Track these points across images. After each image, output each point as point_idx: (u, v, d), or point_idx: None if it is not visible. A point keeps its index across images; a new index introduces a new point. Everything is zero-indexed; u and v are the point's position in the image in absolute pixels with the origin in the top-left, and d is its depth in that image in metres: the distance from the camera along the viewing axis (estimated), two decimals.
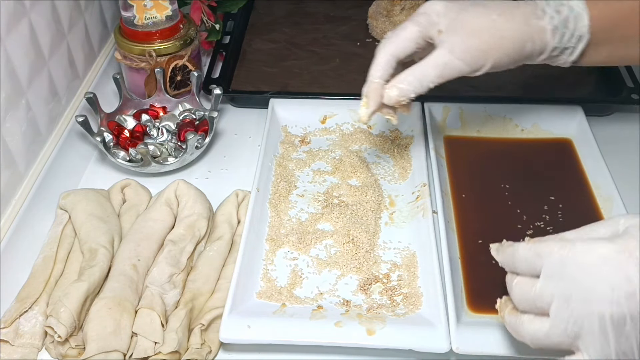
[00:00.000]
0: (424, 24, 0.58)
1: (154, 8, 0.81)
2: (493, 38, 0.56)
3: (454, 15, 0.57)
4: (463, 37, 0.56)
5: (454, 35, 0.56)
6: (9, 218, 0.68)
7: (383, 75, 0.60)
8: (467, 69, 0.58)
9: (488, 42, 0.56)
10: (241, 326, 0.59)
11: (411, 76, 0.58)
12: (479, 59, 0.57)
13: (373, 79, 0.60)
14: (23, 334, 0.60)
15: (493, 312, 0.62)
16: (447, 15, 0.57)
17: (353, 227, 0.70)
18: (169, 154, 0.80)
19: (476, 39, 0.56)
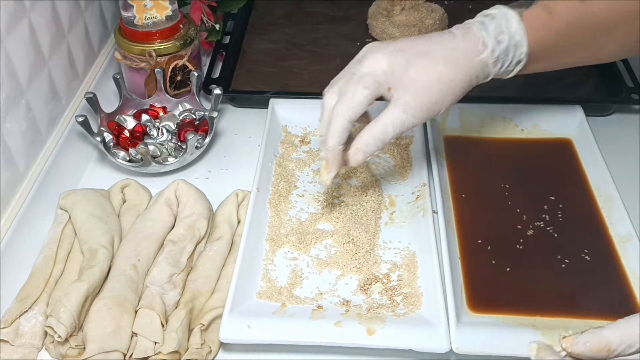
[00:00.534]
0: (372, 87, 0.58)
1: (154, 8, 0.81)
2: (442, 90, 0.57)
3: (400, 72, 0.57)
4: (414, 95, 0.57)
5: (405, 93, 0.57)
6: (9, 218, 0.69)
7: (341, 141, 0.61)
8: (422, 121, 0.60)
9: (439, 94, 0.57)
10: (241, 326, 0.59)
11: (372, 137, 0.59)
12: (432, 111, 0.58)
13: (333, 147, 0.61)
14: (23, 334, 0.60)
15: (493, 312, 0.62)
16: (393, 73, 0.57)
17: (353, 227, 0.70)
18: (169, 154, 0.80)
19: (427, 95, 0.57)
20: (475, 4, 1.08)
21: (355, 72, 0.59)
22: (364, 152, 0.61)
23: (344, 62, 0.95)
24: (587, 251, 0.68)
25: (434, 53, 0.57)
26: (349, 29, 1.03)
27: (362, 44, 0.99)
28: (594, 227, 0.70)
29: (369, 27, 1.01)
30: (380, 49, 0.59)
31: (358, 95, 0.58)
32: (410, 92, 0.57)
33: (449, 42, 0.58)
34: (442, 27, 1.00)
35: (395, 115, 0.58)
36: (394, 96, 0.58)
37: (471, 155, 0.80)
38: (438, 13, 1.00)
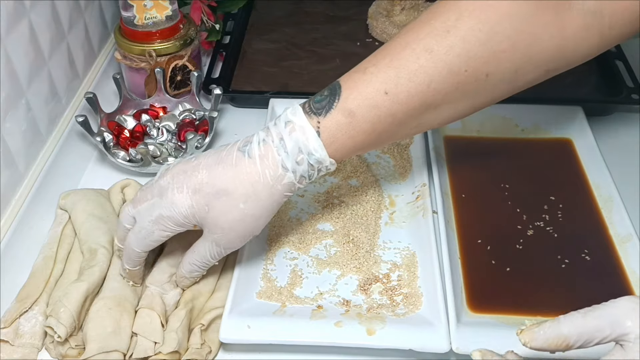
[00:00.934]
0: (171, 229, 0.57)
1: (154, 8, 0.81)
2: (247, 225, 0.57)
3: (203, 215, 0.55)
4: (220, 234, 0.57)
5: (212, 233, 0.57)
6: (9, 218, 0.68)
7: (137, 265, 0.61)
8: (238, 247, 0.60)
9: (244, 229, 0.57)
10: (241, 326, 0.59)
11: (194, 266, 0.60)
12: (245, 239, 0.59)
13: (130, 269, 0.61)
14: (23, 334, 0.60)
15: (493, 312, 0.62)
16: (194, 215, 0.55)
17: (353, 227, 0.70)
18: (169, 154, 0.80)
19: (233, 233, 0.57)
20: None
21: (155, 207, 0.56)
22: (189, 278, 0.62)
23: (344, 62, 0.96)
24: (587, 251, 0.68)
25: (234, 192, 0.55)
26: (349, 29, 1.03)
27: (362, 44, 1.00)
28: (594, 227, 0.70)
29: (369, 27, 1.01)
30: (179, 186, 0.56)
31: (155, 235, 0.57)
32: (216, 231, 0.57)
33: (249, 173, 0.55)
34: None
35: (209, 247, 0.58)
36: (204, 232, 0.58)
37: (471, 155, 0.80)
38: None
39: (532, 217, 0.72)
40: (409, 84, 0.54)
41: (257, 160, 0.55)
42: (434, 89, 0.54)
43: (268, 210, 0.57)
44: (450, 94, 0.55)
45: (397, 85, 0.54)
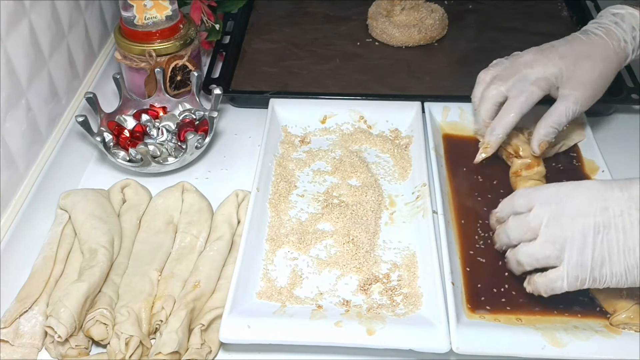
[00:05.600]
0: (545, 89, 0.70)
1: (154, 8, 0.81)
2: (602, 82, 0.71)
3: (569, 74, 0.70)
4: (583, 90, 0.70)
5: (575, 89, 0.70)
6: (9, 218, 0.69)
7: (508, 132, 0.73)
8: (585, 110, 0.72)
9: (599, 86, 0.71)
10: (241, 326, 0.59)
11: (550, 128, 0.71)
12: (595, 100, 0.72)
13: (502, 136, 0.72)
14: (23, 334, 0.60)
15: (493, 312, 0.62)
16: (562, 75, 0.70)
17: (353, 227, 0.70)
18: (169, 154, 0.80)
19: (591, 89, 0.71)
20: (475, 3, 1.08)
21: (528, 75, 0.70)
22: (545, 140, 0.72)
23: (344, 62, 0.96)
24: None
25: (594, 55, 0.70)
26: (349, 29, 1.03)
27: (362, 44, 1.00)
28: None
29: (369, 27, 1.01)
30: (547, 56, 0.71)
31: (534, 96, 0.70)
32: (579, 88, 0.70)
33: (601, 43, 0.71)
34: (442, 27, 1.00)
35: (568, 107, 0.71)
36: (564, 92, 0.71)
37: (471, 155, 0.80)
38: (438, 13, 1.00)
39: None
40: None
41: (604, 36, 0.71)
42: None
43: (614, 72, 0.71)
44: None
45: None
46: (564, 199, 0.56)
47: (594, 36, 0.71)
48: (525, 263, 0.59)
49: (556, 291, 0.57)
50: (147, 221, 0.71)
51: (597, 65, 0.70)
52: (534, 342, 0.58)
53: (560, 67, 0.70)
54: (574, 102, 0.71)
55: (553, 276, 0.56)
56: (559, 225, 0.55)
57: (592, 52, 0.71)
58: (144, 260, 0.67)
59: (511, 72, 0.72)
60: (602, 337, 0.59)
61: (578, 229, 0.54)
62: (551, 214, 0.56)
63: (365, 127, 0.84)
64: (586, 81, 0.70)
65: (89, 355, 0.61)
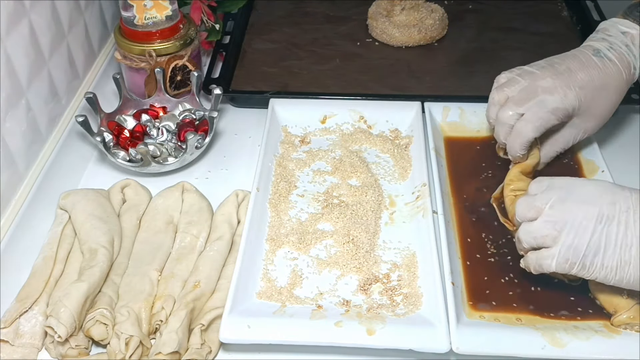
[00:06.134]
0: (561, 118, 0.70)
1: (154, 8, 0.81)
2: (611, 112, 0.73)
3: (585, 108, 0.70)
4: (594, 123, 0.72)
5: (587, 122, 0.72)
6: (9, 218, 0.69)
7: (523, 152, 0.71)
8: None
9: (609, 116, 0.73)
10: (241, 326, 0.59)
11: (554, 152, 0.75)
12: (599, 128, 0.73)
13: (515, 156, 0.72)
14: (23, 334, 0.60)
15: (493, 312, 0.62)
16: (580, 108, 0.70)
17: (353, 227, 0.70)
18: (169, 154, 0.80)
19: (602, 120, 0.73)
20: (475, 3, 1.08)
21: (546, 102, 0.68)
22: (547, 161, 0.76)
23: (344, 62, 0.96)
24: None
25: (609, 87, 0.70)
26: (349, 29, 1.03)
27: (362, 44, 1.00)
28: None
29: (369, 27, 1.01)
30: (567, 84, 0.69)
31: (549, 123, 0.69)
32: (590, 120, 0.72)
33: (615, 73, 0.70)
34: (442, 27, 1.00)
35: (576, 134, 0.73)
36: (575, 121, 0.72)
37: (471, 155, 0.80)
38: (438, 13, 1.00)
39: None
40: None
41: (617, 64, 0.70)
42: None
43: (620, 100, 0.72)
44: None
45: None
46: (575, 186, 0.57)
47: (609, 62, 0.70)
48: (523, 240, 0.59)
49: (544, 269, 0.57)
50: (147, 221, 0.71)
51: (611, 97, 0.71)
52: (534, 342, 0.58)
53: (580, 99, 0.69)
54: (583, 132, 0.73)
55: (545, 253, 0.57)
56: (563, 209, 0.56)
57: (607, 83, 0.70)
58: (144, 260, 0.67)
59: (528, 96, 0.69)
60: (602, 337, 0.59)
61: (581, 215, 0.55)
62: (558, 196, 0.57)
63: (365, 127, 0.84)
64: (599, 114, 0.71)
65: (89, 355, 0.61)
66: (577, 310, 0.62)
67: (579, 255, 0.55)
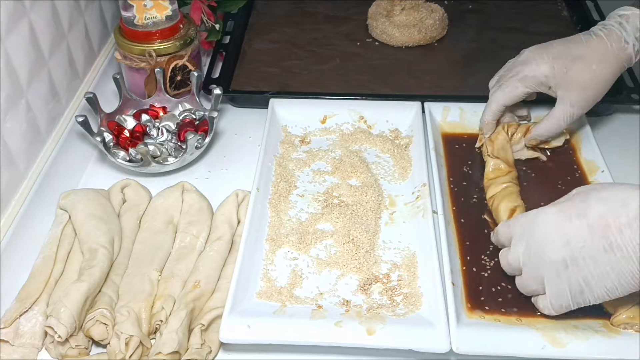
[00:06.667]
0: (533, 86, 0.73)
1: (154, 8, 0.81)
2: (597, 86, 0.71)
3: (561, 75, 0.71)
4: (576, 93, 0.71)
5: (568, 92, 0.71)
6: (9, 218, 0.69)
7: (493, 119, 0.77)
8: (584, 112, 0.73)
9: (594, 90, 0.71)
10: (241, 326, 0.59)
11: (546, 130, 0.75)
12: (592, 103, 0.72)
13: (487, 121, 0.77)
14: (23, 334, 0.60)
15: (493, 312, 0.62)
16: (555, 76, 0.71)
17: (353, 227, 0.70)
18: (169, 154, 0.80)
19: (585, 92, 0.71)
20: (475, 4, 1.08)
21: (519, 72, 0.73)
22: (537, 140, 0.77)
23: (344, 62, 0.96)
24: None
25: (588, 57, 0.70)
26: (349, 29, 1.03)
27: (362, 44, 1.00)
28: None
29: (369, 27, 1.01)
30: (541, 55, 0.72)
31: (518, 90, 0.73)
32: (573, 90, 0.71)
33: (598, 44, 0.70)
34: (442, 27, 1.00)
35: (565, 110, 0.72)
36: (559, 94, 0.72)
37: (471, 155, 0.80)
38: (438, 13, 1.00)
39: None
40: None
41: (603, 37, 0.70)
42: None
43: (611, 75, 0.70)
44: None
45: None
46: (529, 233, 0.58)
47: (594, 37, 0.71)
48: (522, 291, 0.61)
49: (549, 314, 0.59)
50: (147, 221, 0.71)
51: (590, 67, 0.70)
52: (534, 342, 0.58)
53: (552, 66, 0.71)
54: (570, 105, 0.72)
55: (541, 304, 0.59)
56: (533, 265, 0.58)
57: (587, 53, 0.70)
58: (144, 260, 0.67)
59: (509, 70, 0.75)
60: (602, 337, 0.59)
61: (548, 266, 0.56)
62: (523, 252, 0.58)
63: (365, 127, 0.84)
64: (580, 83, 0.71)
65: (89, 355, 0.61)
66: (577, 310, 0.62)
67: (567, 299, 0.56)
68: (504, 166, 0.74)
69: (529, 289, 0.60)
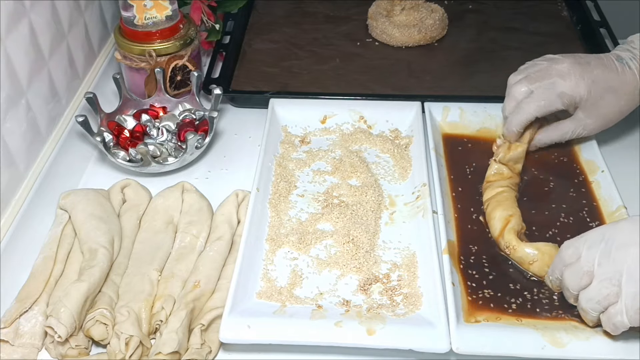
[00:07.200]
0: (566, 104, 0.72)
1: (154, 8, 0.81)
2: (617, 118, 0.74)
3: (592, 102, 0.71)
4: (595, 120, 0.73)
5: (589, 118, 0.73)
6: (9, 218, 0.69)
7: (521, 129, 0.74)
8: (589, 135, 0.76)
9: (613, 121, 0.74)
10: (241, 326, 0.59)
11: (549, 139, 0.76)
12: (601, 130, 0.75)
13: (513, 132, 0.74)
14: (23, 334, 0.60)
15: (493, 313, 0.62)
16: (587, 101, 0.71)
17: (353, 227, 0.70)
18: (169, 154, 0.80)
19: (605, 122, 0.73)
20: (475, 3, 1.08)
21: (556, 86, 0.71)
22: (540, 145, 0.77)
23: (344, 62, 0.96)
24: None
25: (620, 90, 0.71)
26: (349, 29, 1.03)
27: (362, 44, 1.00)
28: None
29: (369, 27, 1.01)
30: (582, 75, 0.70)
31: (553, 106, 0.72)
32: (593, 117, 0.73)
33: (631, 79, 0.71)
34: (442, 27, 1.00)
35: (575, 128, 0.74)
36: (579, 115, 0.73)
37: (471, 155, 0.80)
38: (438, 13, 1.00)
39: (532, 218, 0.72)
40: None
41: (636, 73, 0.70)
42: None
43: (629, 109, 0.72)
44: None
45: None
46: (609, 236, 0.55)
47: (628, 70, 0.71)
48: (589, 309, 0.56)
49: (619, 327, 0.55)
50: (147, 221, 0.71)
51: (619, 102, 0.71)
52: (534, 342, 0.58)
53: (590, 90, 0.70)
54: (582, 128, 0.74)
55: (612, 311, 0.54)
56: (612, 261, 0.54)
57: (620, 87, 0.71)
58: (144, 260, 0.67)
59: (542, 76, 0.72)
60: (602, 337, 0.59)
61: (632, 259, 0.52)
62: (601, 252, 0.55)
63: (365, 127, 0.84)
64: (604, 114, 0.72)
65: (89, 355, 0.61)
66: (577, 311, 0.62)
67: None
68: (506, 171, 0.74)
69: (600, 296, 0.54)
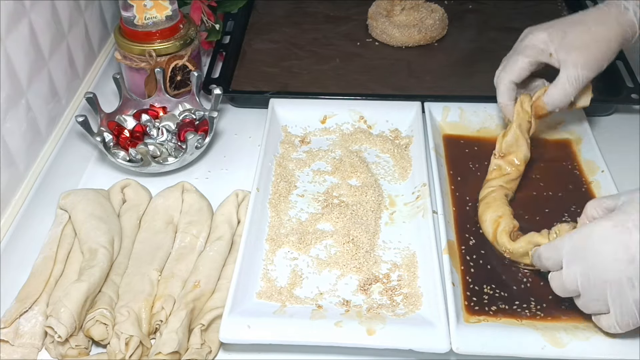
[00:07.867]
0: (532, 55, 0.71)
1: (154, 8, 0.81)
2: (600, 47, 0.69)
3: (559, 39, 0.69)
4: (578, 54, 0.69)
5: (570, 53, 0.69)
6: (9, 218, 0.69)
7: (508, 99, 0.74)
8: (592, 74, 0.70)
9: (597, 51, 0.69)
10: (241, 326, 0.59)
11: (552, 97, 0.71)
12: (597, 66, 0.70)
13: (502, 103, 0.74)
14: (23, 334, 0.60)
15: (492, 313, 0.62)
16: (553, 41, 0.70)
17: (353, 227, 0.70)
18: (169, 154, 0.80)
19: (587, 52, 0.69)
20: (475, 3, 1.08)
21: (517, 47, 0.73)
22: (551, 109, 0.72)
23: (344, 62, 0.96)
24: None
25: (585, 20, 0.70)
26: (349, 29, 1.03)
27: (362, 44, 1.00)
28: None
29: (369, 27, 1.01)
30: (537, 27, 0.72)
31: (519, 62, 0.71)
32: (572, 52, 0.69)
33: (596, 11, 0.70)
34: (442, 27, 1.00)
35: (568, 72, 0.70)
36: (561, 59, 0.70)
37: (471, 155, 0.80)
38: (438, 13, 1.00)
39: (532, 218, 0.72)
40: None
41: (602, 6, 0.70)
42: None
43: (615, 38, 0.69)
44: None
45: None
46: (587, 255, 0.54)
47: (594, 8, 0.71)
48: (584, 311, 0.58)
49: (617, 333, 0.56)
50: (147, 221, 0.71)
51: (588, 29, 0.69)
52: (534, 342, 0.58)
53: (549, 32, 0.70)
54: (573, 67, 0.69)
55: (605, 324, 0.56)
56: (594, 285, 0.54)
57: (584, 19, 0.70)
58: (144, 260, 0.67)
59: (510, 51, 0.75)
60: (602, 337, 0.59)
61: (612, 286, 0.53)
62: (581, 274, 0.55)
63: (365, 127, 0.84)
64: (580, 44, 0.69)
65: (89, 355, 0.61)
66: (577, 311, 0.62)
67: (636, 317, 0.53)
68: (505, 167, 0.73)
69: (591, 310, 0.57)
